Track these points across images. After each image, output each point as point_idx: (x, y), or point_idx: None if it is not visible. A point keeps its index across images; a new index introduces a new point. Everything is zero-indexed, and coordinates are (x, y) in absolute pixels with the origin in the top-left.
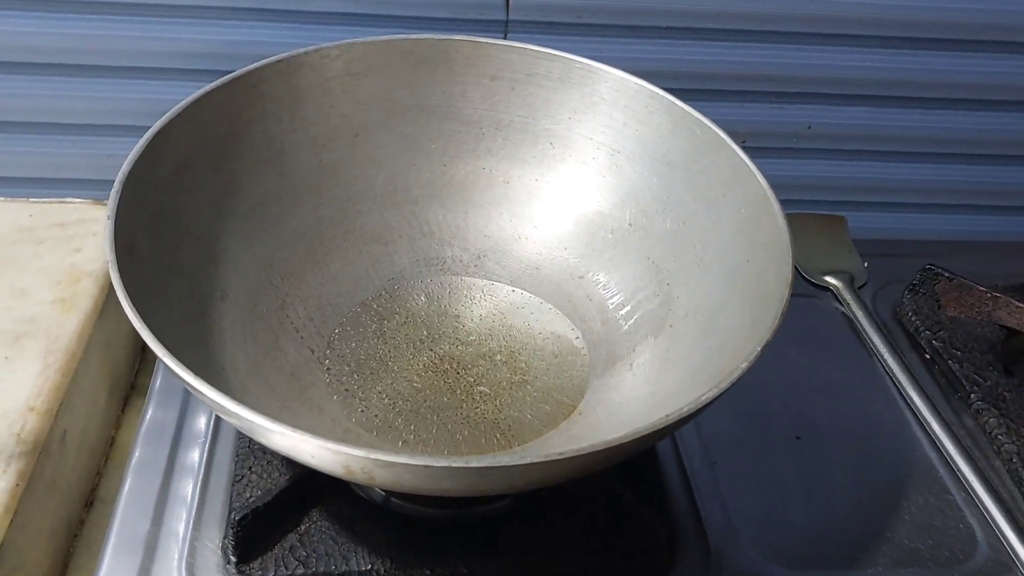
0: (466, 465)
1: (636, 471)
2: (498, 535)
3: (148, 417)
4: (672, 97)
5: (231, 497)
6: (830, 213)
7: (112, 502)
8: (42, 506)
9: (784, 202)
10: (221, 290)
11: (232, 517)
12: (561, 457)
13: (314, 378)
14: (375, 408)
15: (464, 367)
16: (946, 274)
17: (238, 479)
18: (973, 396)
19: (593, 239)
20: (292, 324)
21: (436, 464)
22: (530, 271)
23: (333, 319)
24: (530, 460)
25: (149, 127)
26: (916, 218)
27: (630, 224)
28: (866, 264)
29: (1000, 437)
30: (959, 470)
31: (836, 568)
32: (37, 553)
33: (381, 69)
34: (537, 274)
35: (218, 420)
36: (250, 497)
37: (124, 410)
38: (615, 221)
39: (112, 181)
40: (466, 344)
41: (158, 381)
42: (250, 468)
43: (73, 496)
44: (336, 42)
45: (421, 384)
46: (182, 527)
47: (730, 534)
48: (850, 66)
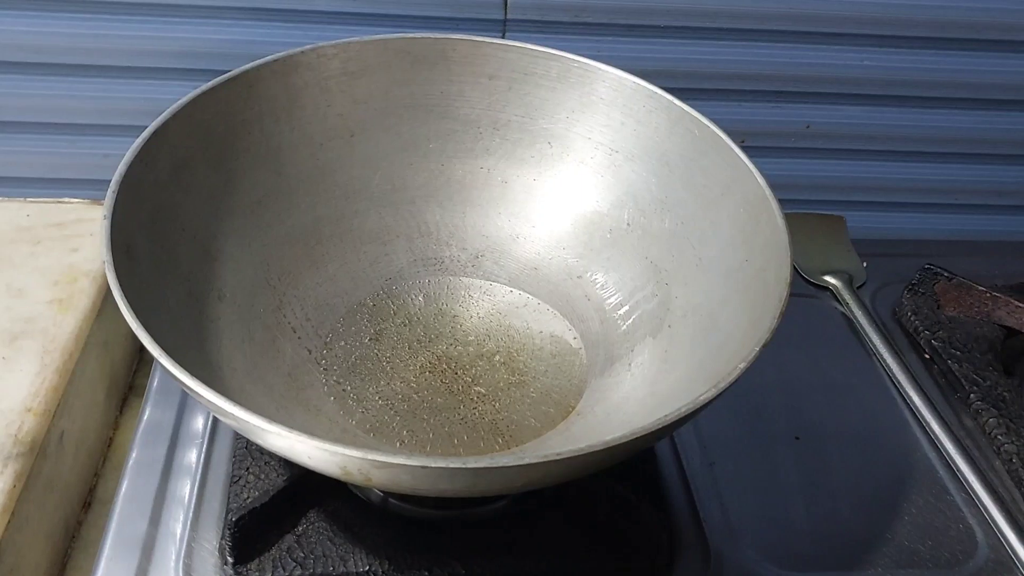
0: (463, 466)
1: (635, 471)
2: (497, 536)
3: (145, 417)
4: (671, 96)
5: (228, 498)
6: (829, 213)
7: (109, 502)
8: (40, 507)
9: (783, 202)
10: (218, 290)
11: (229, 518)
12: (559, 458)
13: (311, 379)
14: (372, 409)
15: (462, 367)
16: (945, 274)
17: (235, 480)
18: (972, 396)
19: (591, 239)
20: (289, 324)
21: (433, 465)
22: (528, 271)
23: (330, 319)
24: (528, 461)
25: (146, 127)
26: (915, 217)
27: (628, 224)
28: (865, 264)
29: (1000, 437)
30: (959, 470)
31: (835, 569)
32: (35, 554)
33: (378, 68)
34: (535, 274)
35: (215, 421)
36: (247, 498)
37: (122, 411)
38: (613, 221)
39: (109, 181)
40: (464, 344)
41: (155, 381)
42: (247, 469)
43: (71, 497)
44: (333, 41)
45: (419, 385)
46: (179, 528)
47: (729, 534)
48: (849, 65)
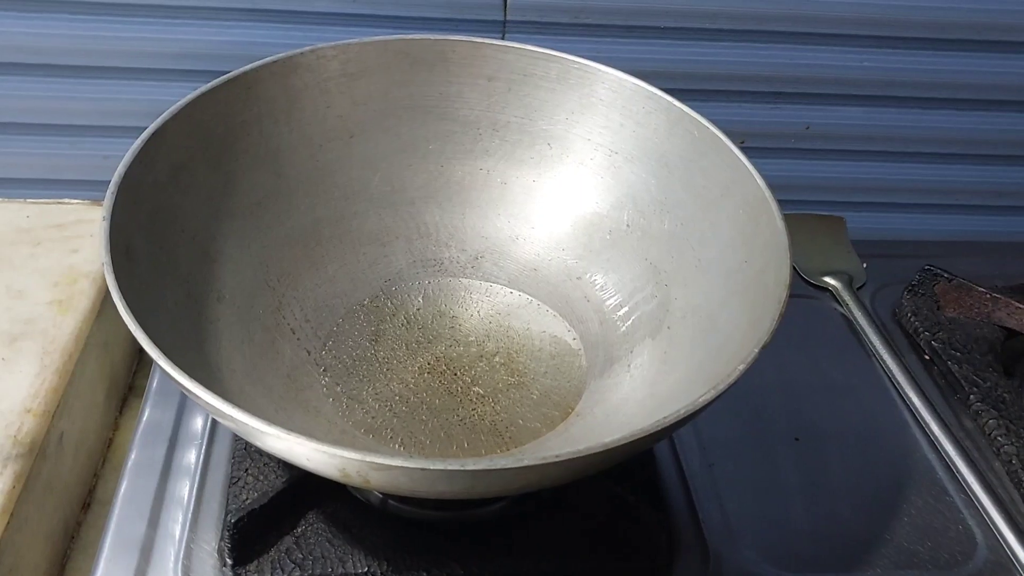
0: (462, 468)
1: (634, 473)
2: (496, 537)
3: (145, 418)
4: (670, 98)
5: (227, 499)
6: (829, 213)
7: (109, 503)
8: (39, 508)
9: (782, 202)
10: (217, 291)
11: (228, 519)
12: (558, 460)
13: (310, 380)
14: (372, 410)
15: (461, 369)
16: (945, 275)
17: (234, 481)
18: (972, 397)
19: (591, 240)
20: (288, 326)
21: (432, 467)
22: (528, 272)
23: (330, 320)
24: (527, 463)
25: (145, 128)
26: (915, 218)
27: (628, 225)
28: (865, 265)
29: (999, 439)
30: (958, 472)
31: (835, 570)
32: (34, 555)
33: (377, 69)
34: (535, 275)
35: (215, 422)
36: (246, 499)
37: (121, 411)
38: (613, 222)
39: (109, 182)
40: (463, 346)
41: (155, 382)
42: (246, 470)
43: (70, 498)
44: (332, 43)
45: (418, 386)
46: (178, 529)
47: (728, 536)
48: (848, 66)
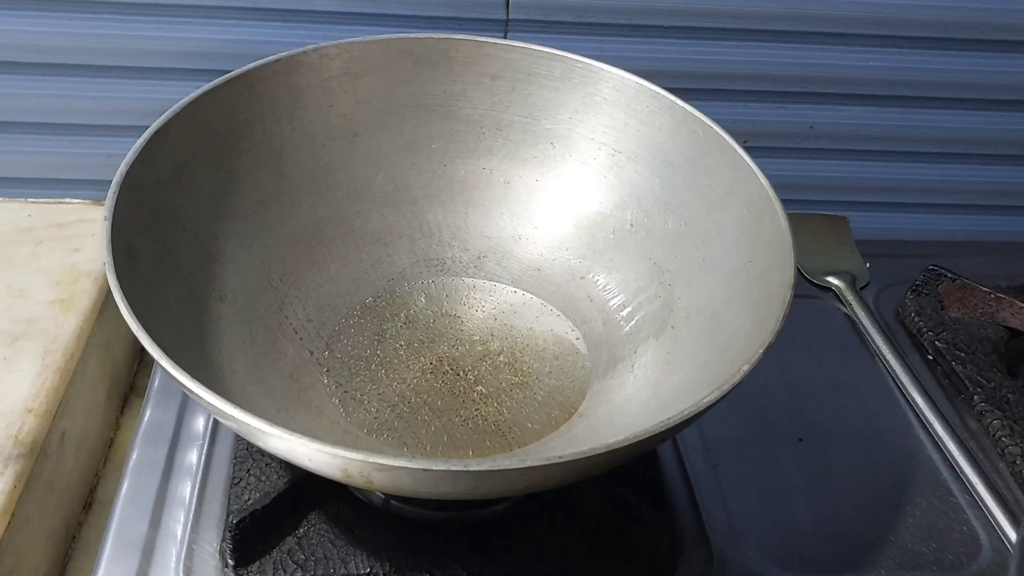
0: (465, 469)
1: (638, 473)
2: (498, 538)
3: (146, 418)
4: (674, 97)
5: (229, 499)
6: (832, 213)
7: (110, 503)
8: (40, 508)
9: (786, 202)
10: (219, 291)
11: (230, 520)
12: (561, 461)
13: (313, 380)
14: (374, 410)
15: (464, 368)
16: (949, 275)
17: (236, 481)
18: (976, 398)
19: (594, 240)
20: (291, 325)
21: (435, 468)
22: (531, 272)
23: (332, 320)
24: (530, 464)
25: (147, 127)
26: (919, 218)
27: (631, 224)
28: (868, 264)
29: (1004, 439)
30: (962, 472)
31: (839, 571)
32: (35, 555)
33: (380, 68)
34: (538, 275)
35: (216, 421)
36: (248, 500)
37: (123, 411)
38: (616, 221)
39: (110, 181)
40: (466, 345)
41: (156, 382)
42: (248, 470)
43: (71, 498)
44: (335, 41)
45: (420, 386)
46: (180, 529)
47: (732, 536)
48: (853, 65)
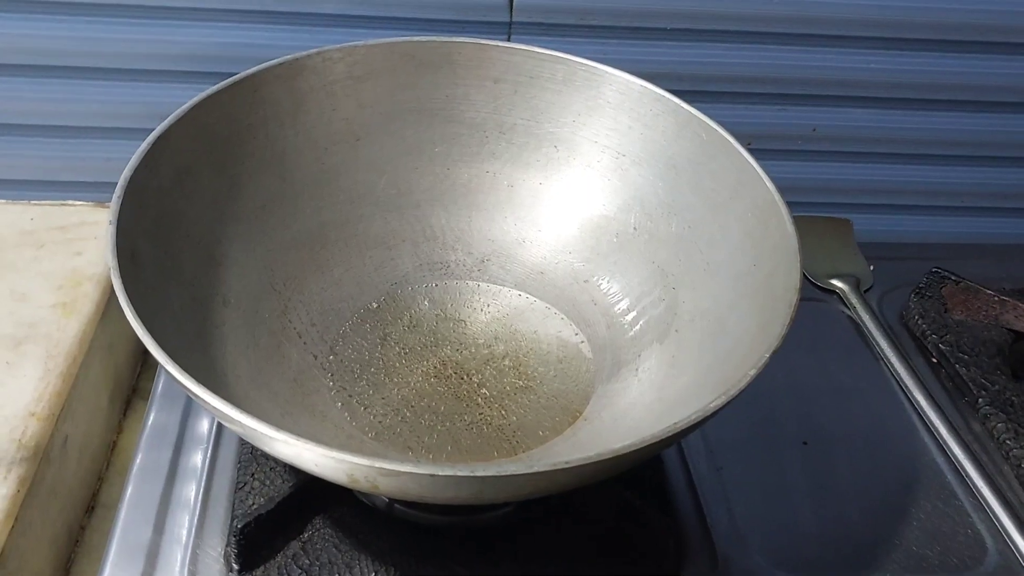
0: (471, 474)
1: (642, 476)
2: (502, 542)
3: (150, 421)
4: (678, 100)
5: (234, 504)
6: (836, 216)
7: (113, 507)
8: (43, 512)
9: (789, 204)
10: (223, 295)
11: (235, 525)
12: (568, 466)
13: (317, 384)
14: (378, 414)
15: (468, 372)
16: (953, 277)
17: (240, 486)
18: (981, 401)
19: (598, 243)
20: (295, 329)
21: (441, 473)
22: (534, 275)
23: (336, 324)
24: (536, 469)
25: (150, 130)
26: (922, 220)
27: (635, 228)
28: (872, 267)
29: (1008, 442)
30: (967, 476)
31: (844, 575)
32: (38, 559)
33: (383, 72)
34: (542, 278)
35: (220, 425)
36: (253, 504)
37: (125, 414)
38: (620, 225)
39: (113, 184)
40: (470, 349)
41: (160, 385)
42: (252, 475)
43: (74, 502)
44: (338, 45)
45: (425, 390)
46: (184, 534)
47: (737, 540)
48: (856, 68)
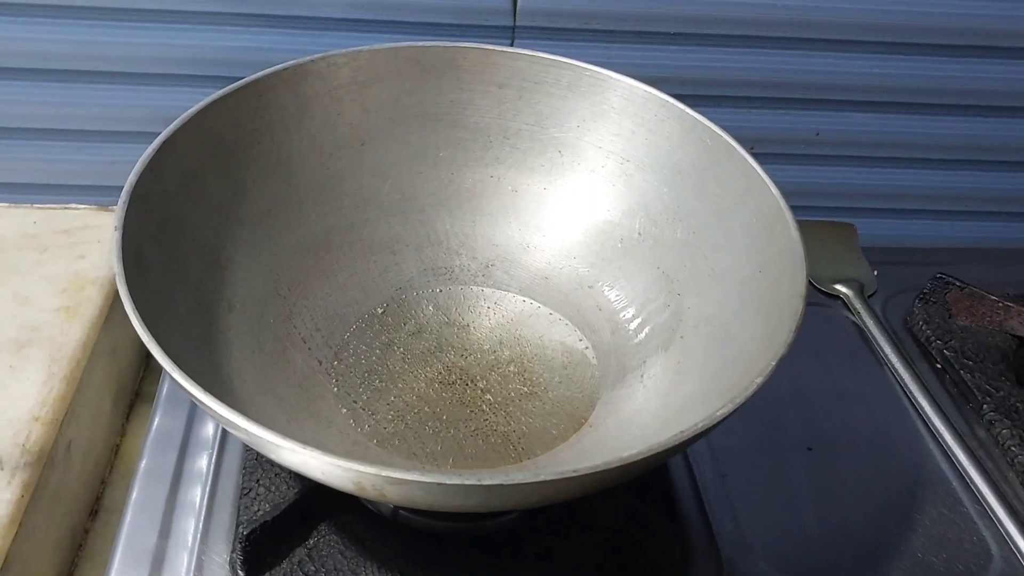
0: (479, 483)
1: (647, 483)
2: (508, 548)
3: (155, 425)
4: (683, 105)
5: (239, 510)
6: (839, 220)
7: (117, 511)
8: (47, 517)
9: (792, 209)
10: (228, 300)
11: (240, 531)
12: (575, 475)
13: (322, 390)
14: (383, 420)
15: (473, 378)
16: (957, 283)
17: (245, 492)
18: (986, 407)
19: (603, 248)
20: (299, 335)
21: (448, 482)
22: (539, 280)
23: (340, 329)
24: (543, 478)
25: (154, 134)
26: (926, 225)
27: (640, 233)
28: (876, 272)
29: (1013, 448)
30: (972, 482)
31: None
32: (42, 564)
33: (388, 77)
34: (546, 284)
35: (225, 429)
36: (258, 511)
37: (128, 418)
38: (624, 230)
39: (117, 187)
40: (475, 354)
41: (165, 388)
42: (258, 481)
43: (78, 506)
44: (343, 50)
45: (429, 396)
46: (189, 540)
47: (742, 546)
48: (859, 72)
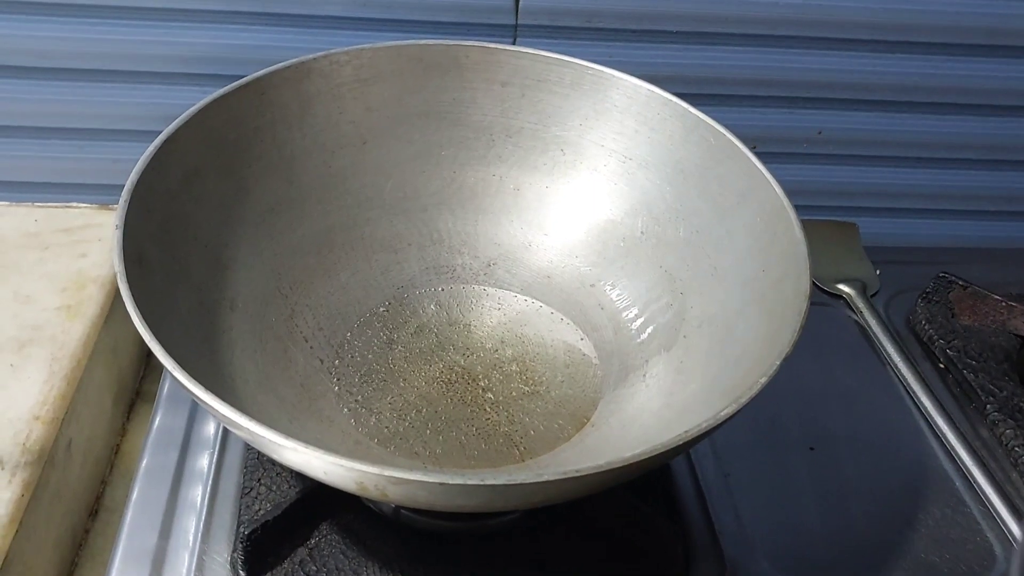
0: (481, 483)
1: (649, 482)
2: (510, 547)
3: (156, 424)
4: (686, 104)
5: (240, 509)
6: (842, 219)
7: (117, 511)
8: (47, 516)
9: (795, 208)
10: (230, 299)
11: (242, 531)
12: (578, 475)
13: (324, 389)
14: (385, 420)
15: (475, 377)
16: (960, 282)
17: (247, 491)
18: (989, 407)
19: (605, 247)
20: (301, 334)
21: (451, 482)
22: (541, 279)
23: (342, 328)
24: (546, 478)
25: (155, 132)
26: (929, 224)
27: (642, 232)
28: (878, 271)
29: (1017, 449)
30: (976, 482)
31: None
32: (42, 563)
33: (391, 75)
34: (548, 283)
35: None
36: (259, 510)
37: (129, 417)
38: (627, 229)
39: (118, 186)
40: (477, 353)
41: (166, 387)
42: (259, 480)
43: (78, 505)
44: (345, 48)
45: (432, 395)
46: (190, 539)
47: (744, 545)
48: (861, 71)
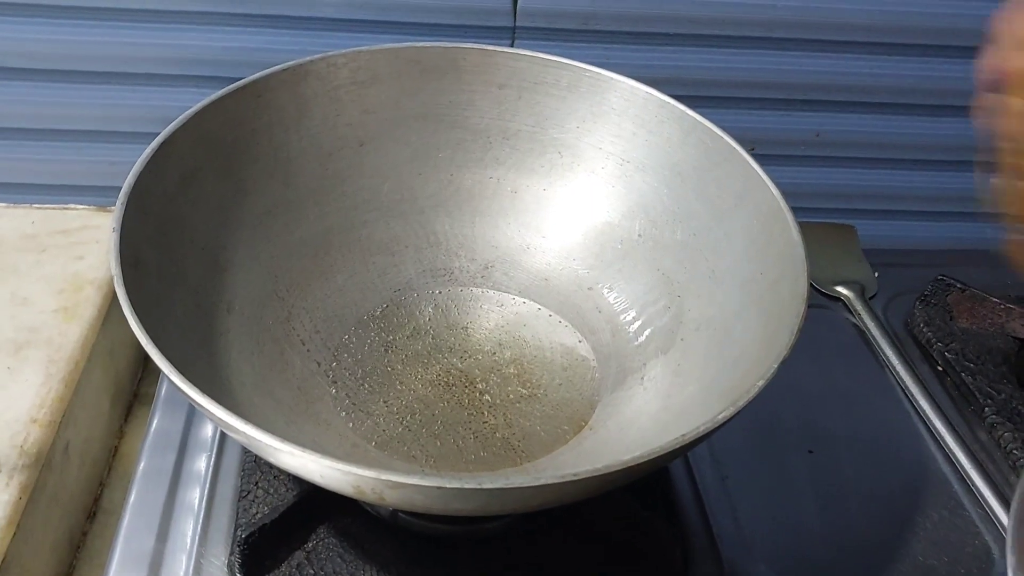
0: (479, 487)
1: (647, 485)
2: (508, 551)
3: (153, 426)
4: (683, 106)
5: (237, 513)
6: (840, 222)
7: (115, 513)
8: (45, 519)
9: (792, 210)
10: (227, 302)
11: (239, 534)
12: (576, 478)
13: (320, 392)
14: (382, 423)
15: (472, 380)
16: (958, 285)
17: (244, 494)
18: (987, 410)
19: (602, 250)
20: (298, 336)
21: (448, 486)
22: (538, 282)
23: (339, 331)
24: (544, 482)
25: (153, 134)
26: (927, 227)
27: (640, 235)
28: (877, 274)
29: (1015, 452)
30: (974, 485)
31: None
32: (40, 566)
33: (388, 77)
34: (546, 285)
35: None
36: (256, 514)
37: (127, 419)
38: (624, 232)
39: (115, 188)
40: (474, 356)
41: (163, 390)
42: (256, 483)
43: (76, 508)
44: (342, 50)
45: (429, 397)
46: (188, 542)
47: (742, 548)
48: (859, 73)
